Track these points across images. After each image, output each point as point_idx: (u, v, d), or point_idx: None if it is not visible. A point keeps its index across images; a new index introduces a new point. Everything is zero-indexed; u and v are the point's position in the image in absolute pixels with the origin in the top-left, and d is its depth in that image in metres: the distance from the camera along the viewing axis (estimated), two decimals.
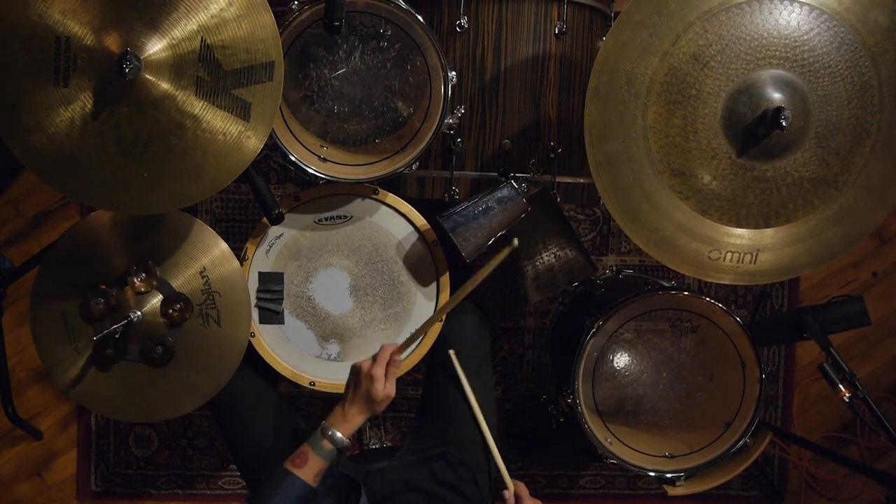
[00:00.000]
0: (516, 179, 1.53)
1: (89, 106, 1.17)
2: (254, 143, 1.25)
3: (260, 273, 1.56)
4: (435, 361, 1.62)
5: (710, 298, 1.58)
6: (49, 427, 2.22)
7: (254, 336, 1.54)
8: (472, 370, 1.58)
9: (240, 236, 2.21)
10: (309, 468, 1.32)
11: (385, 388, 1.35)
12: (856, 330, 1.85)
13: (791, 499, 2.34)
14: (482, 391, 1.59)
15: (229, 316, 1.42)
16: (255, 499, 1.31)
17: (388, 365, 1.37)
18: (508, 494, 1.37)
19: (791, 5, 1.23)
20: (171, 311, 1.39)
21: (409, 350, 1.41)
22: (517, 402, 2.27)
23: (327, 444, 1.34)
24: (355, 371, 1.38)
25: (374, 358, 1.38)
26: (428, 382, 1.65)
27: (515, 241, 1.29)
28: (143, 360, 1.40)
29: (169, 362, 1.40)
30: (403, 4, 1.40)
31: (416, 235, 1.58)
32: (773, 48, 1.24)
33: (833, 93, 1.26)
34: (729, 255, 1.35)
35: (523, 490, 1.38)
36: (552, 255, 1.70)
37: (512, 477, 1.39)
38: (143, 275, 1.39)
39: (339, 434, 1.34)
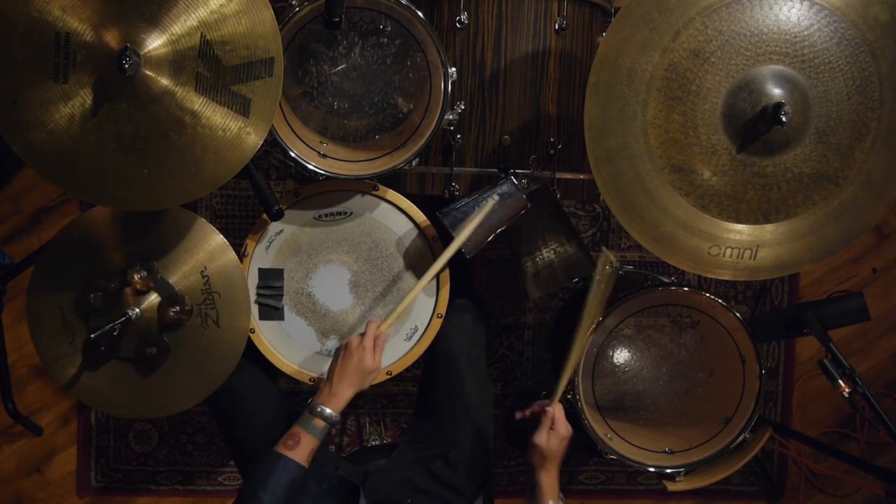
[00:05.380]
0: (516, 176, 1.53)
1: (89, 102, 1.17)
2: (253, 139, 1.24)
3: (260, 269, 1.56)
4: (433, 361, 1.62)
5: (710, 294, 1.58)
6: (49, 423, 2.22)
7: (254, 332, 1.54)
8: (468, 367, 1.58)
9: (240, 232, 2.21)
10: (301, 449, 1.32)
11: (375, 359, 1.40)
12: (855, 325, 1.86)
13: (790, 494, 2.35)
14: (478, 388, 1.59)
15: (228, 316, 1.42)
16: (250, 485, 1.31)
17: (375, 339, 1.42)
18: (551, 411, 1.41)
19: (791, 1, 1.23)
20: (170, 312, 1.38)
21: (392, 321, 1.47)
22: (517, 398, 2.27)
23: (318, 422, 1.34)
24: (344, 346, 1.42)
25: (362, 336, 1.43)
26: (427, 382, 1.65)
27: (495, 199, 1.30)
28: (139, 357, 1.40)
29: (166, 361, 1.40)
30: (403, 0, 1.40)
31: (415, 232, 1.58)
32: (773, 44, 1.23)
33: (833, 88, 1.26)
34: (729, 250, 1.35)
35: (561, 413, 1.42)
36: (552, 252, 1.69)
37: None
38: (144, 273, 1.38)
39: (328, 410, 1.35)
